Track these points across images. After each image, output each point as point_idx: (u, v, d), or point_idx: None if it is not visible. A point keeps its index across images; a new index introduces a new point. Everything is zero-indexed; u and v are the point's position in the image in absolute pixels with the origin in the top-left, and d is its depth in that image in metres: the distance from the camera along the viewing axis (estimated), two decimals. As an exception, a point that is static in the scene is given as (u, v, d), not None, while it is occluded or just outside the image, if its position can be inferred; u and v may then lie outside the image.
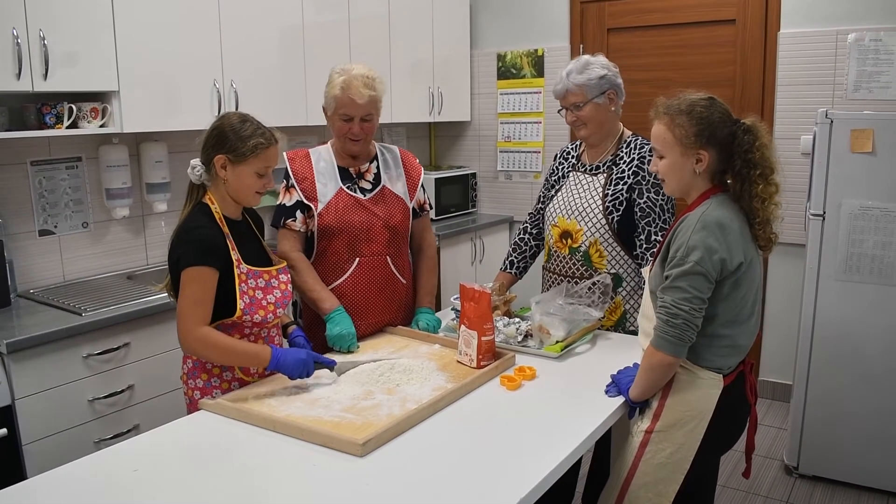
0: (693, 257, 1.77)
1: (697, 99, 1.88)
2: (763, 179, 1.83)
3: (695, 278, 1.77)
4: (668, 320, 1.79)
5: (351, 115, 2.36)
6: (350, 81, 2.33)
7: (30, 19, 2.54)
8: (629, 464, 1.95)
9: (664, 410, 1.90)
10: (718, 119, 1.85)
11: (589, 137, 2.58)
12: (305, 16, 3.66)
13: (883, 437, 3.19)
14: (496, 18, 4.98)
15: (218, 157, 2.01)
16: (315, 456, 1.65)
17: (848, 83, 3.84)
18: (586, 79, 2.49)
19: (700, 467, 1.90)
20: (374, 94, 2.36)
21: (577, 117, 2.52)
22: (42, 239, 3.04)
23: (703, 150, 1.85)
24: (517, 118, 5.01)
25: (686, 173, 1.89)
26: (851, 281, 3.18)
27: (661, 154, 1.92)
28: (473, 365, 2.15)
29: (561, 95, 2.54)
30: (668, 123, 1.88)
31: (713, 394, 1.86)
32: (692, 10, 4.28)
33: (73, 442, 2.55)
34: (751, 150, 1.82)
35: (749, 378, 1.97)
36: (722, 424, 1.88)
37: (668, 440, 1.89)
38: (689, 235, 1.79)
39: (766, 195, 1.83)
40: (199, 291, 1.94)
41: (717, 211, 1.82)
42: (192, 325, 1.93)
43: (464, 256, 4.66)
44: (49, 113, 2.76)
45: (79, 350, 2.56)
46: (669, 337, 1.79)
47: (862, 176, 3.10)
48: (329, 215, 2.41)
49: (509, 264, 2.85)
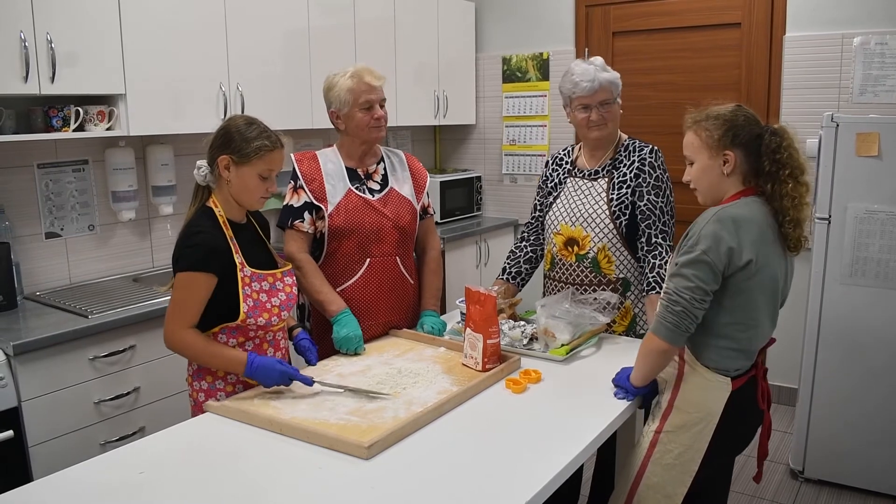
0: (701, 246, 1.78)
1: (723, 106, 1.93)
2: (793, 179, 1.85)
3: (699, 266, 1.78)
4: (667, 306, 1.81)
5: (372, 100, 2.41)
6: (358, 72, 2.41)
7: (37, 22, 2.55)
8: (638, 464, 1.96)
9: (672, 411, 1.91)
10: (743, 121, 1.88)
11: (605, 138, 2.54)
12: (311, 19, 3.67)
13: (889, 440, 3.18)
14: (501, 22, 4.98)
15: (222, 157, 2.02)
16: (320, 458, 1.65)
17: (853, 87, 3.83)
18: (613, 76, 2.49)
19: (708, 470, 1.90)
20: (384, 78, 2.46)
21: (602, 115, 2.48)
22: (48, 241, 3.05)
23: (730, 150, 1.87)
24: (522, 121, 5.01)
25: (715, 176, 1.91)
26: (857, 284, 3.17)
27: (691, 160, 1.96)
28: (479, 368, 2.15)
29: (592, 91, 2.45)
30: (695, 130, 1.93)
31: (721, 396, 1.86)
32: (697, 13, 4.28)
33: (79, 444, 2.55)
34: (778, 150, 1.85)
35: (761, 384, 1.97)
36: (730, 428, 1.88)
37: (676, 441, 1.90)
38: (703, 226, 1.81)
39: (797, 194, 1.85)
40: (187, 296, 1.98)
41: (737, 209, 1.83)
42: (175, 327, 1.99)
43: (469, 259, 4.66)
44: (56, 116, 2.77)
45: (85, 352, 2.56)
46: (667, 323, 1.81)
47: (868, 179, 3.09)
48: (339, 216, 2.42)
49: (509, 276, 2.77)
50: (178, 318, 1.98)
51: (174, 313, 1.98)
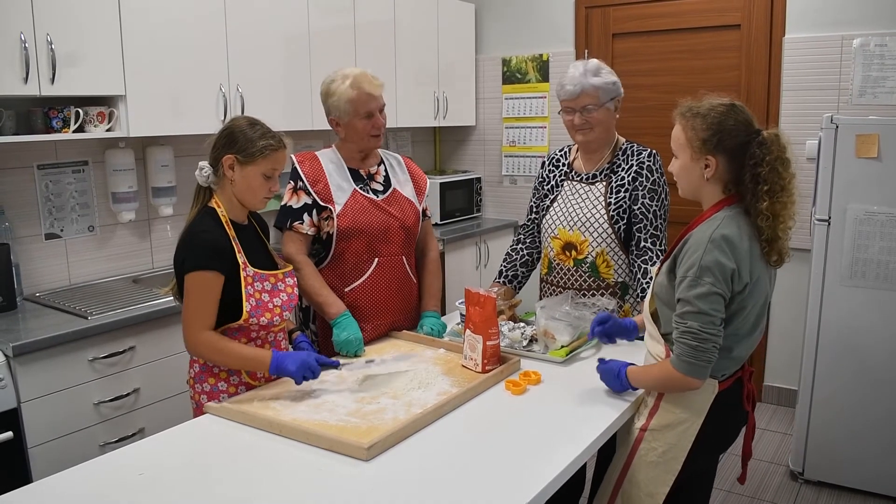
0: (708, 279, 1.74)
1: (717, 104, 1.84)
2: (770, 196, 1.75)
3: (714, 298, 1.74)
4: (698, 346, 1.74)
5: (372, 109, 2.41)
6: (359, 79, 2.39)
7: (37, 24, 2.55)
8: (623, 460, 1.97)
9: (659, 410, 1.91)
10: (732, 126, 1.80)
11: (591, 143, 2.52)
12: (311, 21, 3.67)
13: (888, 442, 3.18)
14: (501, 23, 4.99)
15: (227, 157, 2.02)
16: (320, 460, 1.65)
17: (853, 88, 3.83)
18: (603, 82, 2.44)
19: (691, 468, 1.90)
20: (382, 83, 2.45)
21: (587, 120, 2.45)
22: (48, 242, 3.05)
23: (712, 156, 1.81)
24: (522, 123, 5.01)
25: (695, 177, 1.87)
26: (857, 286, 3.17)
27: (675, 154, 1.91)
28: (478, 369, 2.15)
29: (574, 96, 2.44)
30: (683, 125, 1.86)
31: (707, 398, 1.86)
32: (697, 15, 4.28)
33: (79, 445, 2.55)
34: (760, 163, 1.76)
35: (747, 385, 1.97)
36: (714, 427, 1.88)
37: (661, 439, 1.90)
38: (702, 255, 1.75)
39: (772, 213, 1.76)
40: (202, 296, 1.97)
41: (726, 228, 1.78)
42: (196, 330, 1.96)
43: (469, 261, 4.66)
44: (56, 117, 2.77)
45: (84, 353, 2.56)
46: (701, 363, 1.75)
47: (867, 181, 3.09)
48: (347, 217, 2.42)
49: (506, 279, 2.76)
50: (198, 321, 1.96)
51: (193, 316, 1.97)
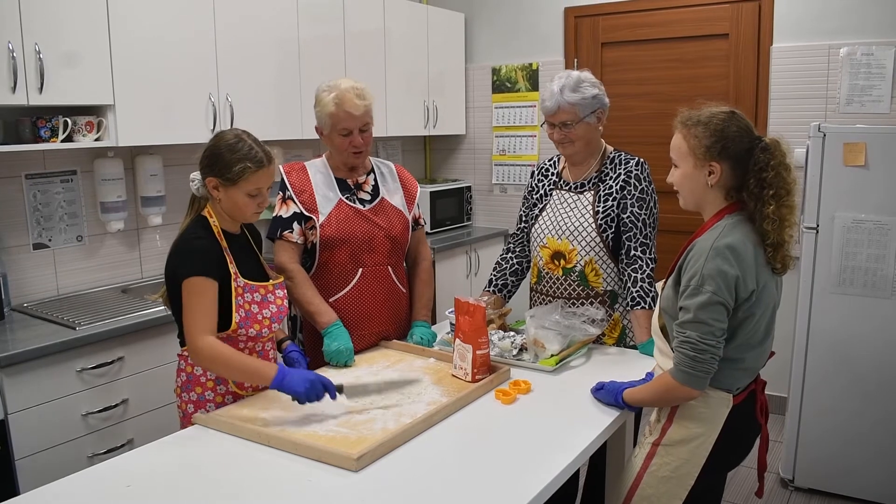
0: (709, 287, 1.73)
1: (717, 111, 1.85)
2: (776, 200, 1.77)
3: (715, 308, 1.73)
4: (695, 356, 1.74)
5: (350, 128, 2.38)
6: (342, 96, 2.35)
7: (25, 33, 2.54)
8: (634, 475, 1.94)
9: (672, 425, 1.89)
10: (735, 133, 1.81)
11: (574, 156, 2.54)
12: (301, 30, 3.67)
13: (878, 448, 3.19)
14: (491, 32, 5.00)
15: (209, 179, 2.03)
16: (309, 471, 1.64)
17: (840, 97, 3.86)
18: (580, 98, 2.43)
19: (703, 484, 1.89)
20: (367, 104, 2.40)
21: (566, 135, 2.47)
22: (36, 252, 3.03)
23: (716, 162, 1.81)
24: (512, 132, 5.02)
25: (698, 185, 1.86)
26: (845, 293, 3.19)
27: (676, 164, 1.90)
28: (468, 379, 2.15)
29: (552, 112, 2.46)
30: (684, 134, 1.86)
31: (722, 412, 1.84)
32: (686, 24, 4.31)
33: (67, 457, 2.53)
34: (765, 168, 1.77)
35: (760, 398, 1.94)
36: (729, 443, 1.86)
37: (674, 454, 1.88)
38: (703, 264, 1.75)
39: (778, 217, 1.77)
40: (202, 301, 1.96)
41: (730, 237, 1.77)
42: (197, 336, 1.94)
43: (459, 270, 4.66)
44: (44, 126, 2.76)
45: (73, 364, 2.55)
46: (698, 373, 1.75)
47: (855, 189, 3.12)
48: (331, 227, 2.41)
49: (496, 289, 2.76)
50: (202, 327, 1.94)
51: (196, 323, 1.94)
